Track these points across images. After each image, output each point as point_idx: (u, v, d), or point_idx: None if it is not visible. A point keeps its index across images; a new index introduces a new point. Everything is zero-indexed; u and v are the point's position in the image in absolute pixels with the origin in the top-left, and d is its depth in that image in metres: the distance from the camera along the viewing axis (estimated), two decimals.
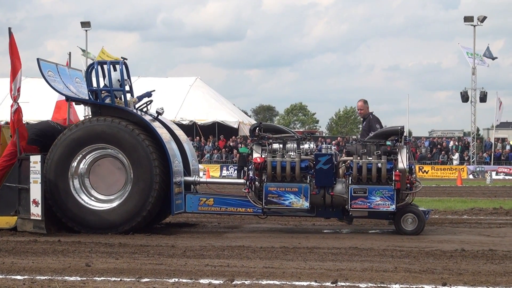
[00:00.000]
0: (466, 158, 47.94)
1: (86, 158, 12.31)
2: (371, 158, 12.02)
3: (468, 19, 49.55)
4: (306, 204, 12.11)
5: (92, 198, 12.29)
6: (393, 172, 11.95)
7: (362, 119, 14.56)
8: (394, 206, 11.91)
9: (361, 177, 11.98)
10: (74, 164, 12.23)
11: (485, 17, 49.43)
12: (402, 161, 12.03)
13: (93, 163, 12.36)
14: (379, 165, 11.96)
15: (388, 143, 12.21)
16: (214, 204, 12.67)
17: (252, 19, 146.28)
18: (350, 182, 12.08)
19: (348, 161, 12.28)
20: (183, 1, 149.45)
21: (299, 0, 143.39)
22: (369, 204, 11.93)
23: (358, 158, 12.06)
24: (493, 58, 49.26)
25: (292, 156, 12.23)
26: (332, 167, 12.18)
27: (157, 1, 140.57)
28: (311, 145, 12.54)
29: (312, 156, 12.29)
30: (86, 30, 52.57)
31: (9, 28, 12.33)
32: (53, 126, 13.11)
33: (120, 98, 12.75)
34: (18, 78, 12.38)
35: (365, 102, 14.36)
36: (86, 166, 12.33)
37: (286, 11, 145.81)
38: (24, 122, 12.82)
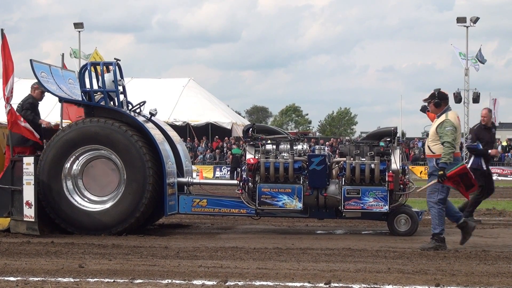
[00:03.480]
0: None
1: (79, 159, 12.30)
2: (364, 159, 12.03)
3: (460, 20, 49.62)
4: (299, 205, 12.11)
5: (85, 199, 12.27)
6: (386, 173, 11.97)
7: None
8: (387, 207, 11.92)
9: (354, 178, 11.99)
10: (67, 165, 12.22)
11: (477, 18, 49.51)
12: (395, 162, 12.05)
13: (86, 164, 12.34)
14: (372, 166, 11.98)
15: (381, 144, 12.23)
16: (207, 205, 12.67)
17: (247, 20, 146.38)
18: (343, 183, 12.08)
19: (341, 162, 12.29)
20: (178, 3, 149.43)
21: (294, 1, 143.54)
22: (362, 205, 11.94)
23: (351, 159, 12.07)
24: (483, 62, 49.39)
25: (285, 157, 12.24)
26: (325, 168, 12.19)
27: (153, 3, 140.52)
28: (305, 146, 12.55)
29: (306, 157, 12.30)
30: (79, 31, 52.47)
31: (1, 30, 12.31)
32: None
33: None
34: (11, 80, 12.36)
35: None
36: (79, 167, 12.32)
37: (281, 13, 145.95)
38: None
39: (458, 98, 49.01)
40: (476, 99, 48.86)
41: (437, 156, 10.50)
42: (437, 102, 10.65)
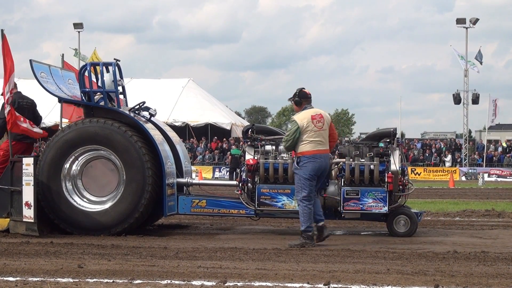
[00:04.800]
0: (458, 160, 48.02)
1: (79, 159, 12.29)
2: (363, 160, 12.02)
3: (460, 21, 49.71)
4: None
5: (85, 200, 12.26)
6: (386, 174, 11.97)
7: None
8: (386, 208, 11.92)
9: (354, 179, 11.99)
10: (67, 165, 12.21)
11: (477, 19, 49.57)
12: (395, 163, 12.05)
13: (86, 164, 12.33)
14: (372, 167, 11.97)
15: (381, 144, 12.23)
16: (206, 206, 12.66)
17: (247, 21, 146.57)
18: (342, 184, 12.08)
19: (341, 163, 12.28)
20: (179, 3, 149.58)
21: (294, 2, 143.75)
22: (361, 206, 11.93)
23: (351, 160, 12.07)
24: (481, 62, 49.42)
25: (284, 158, 12.22)
26: None
27: (153, 3, 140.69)
28: None
29: None
30: (79, 32, 52.54)
31: (2, 30, 12.31)
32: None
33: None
34: (11, 80, 12.36)
35: None
36: (78, 168, 12.31)
37: (281, 13, 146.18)
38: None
39: (457, 99, 49.08)
40: (475, 100, 48.93)
41: (297, 154, 11.05)
42: (297, 100, 11.32)
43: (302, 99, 11.22)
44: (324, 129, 11.06)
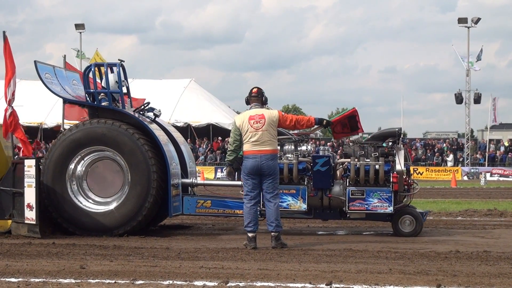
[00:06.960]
0: (460, 160, 47.97)
1: (85, 159, 12.29)
2: (368, 160, 12.00)
3: (462, 20, 49.62)
4: (303, 206, 12.10)
5: (90, 200, 12.26)
6: (391, 174, 11.94)
7: None
8: (391, 208, 11.90)
9: (359, 179, 11.96)
10: (72, 166, 12.21)
11: (479, 19, 49.48)
12: (400, 163, 12.02)
13: (91, 165, 12.33)
14: (377, 167, 11.94)
15: (385, 144, 12.22)
16: (211, 206, 12.68)
17: (250, 21, 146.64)
18: (347, 184, 12.05)
19: (346, 163, 12.26)
20: (182, 4, 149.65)
21: (297, 2, 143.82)
22: (366, 206, 11.92)
23: (356, 160, 12.05)
24: (479, 59, 49.30)
25: (289, 158, 12.21)
26: (330, 169, 12.16)
27: (156, 4, 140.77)
28: (309, 147, 12.53)
29: (310, 158, 12.27)
30: (80, 32, 52.52)
31: (4, 32, 12.32)
32: None
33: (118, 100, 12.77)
34: (12, 82, 12.36)
35: None
36: (84, 168, 12.31)
37: (284, 14, 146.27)
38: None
39: (459, 99, 49.01)
40: (477, 100, 48.84)
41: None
42: (246, 99, 11.42)
43: (250, 98, 11.32)
44: (264, 129, 10.96)
